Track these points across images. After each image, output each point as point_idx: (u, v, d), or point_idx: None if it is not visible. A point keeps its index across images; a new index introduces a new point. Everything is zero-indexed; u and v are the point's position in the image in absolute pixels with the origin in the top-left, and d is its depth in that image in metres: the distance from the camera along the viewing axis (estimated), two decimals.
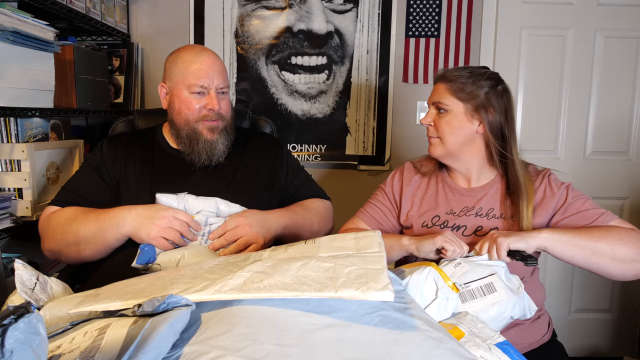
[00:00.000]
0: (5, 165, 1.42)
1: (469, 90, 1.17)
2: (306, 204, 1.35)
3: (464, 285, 0.98)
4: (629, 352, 2.38)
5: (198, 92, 1.23)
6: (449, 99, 1.19)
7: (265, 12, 2.17)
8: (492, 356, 0.80)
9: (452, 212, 1.23)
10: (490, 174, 1.25)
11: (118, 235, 1.11)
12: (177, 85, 1.25)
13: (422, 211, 1.27)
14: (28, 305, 0.50)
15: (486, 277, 1.00)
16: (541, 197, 1.19)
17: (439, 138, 1.22)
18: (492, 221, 1.20)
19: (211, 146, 1.25)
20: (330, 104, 2.23)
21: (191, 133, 1.25)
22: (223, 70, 1.28)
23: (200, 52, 1.26)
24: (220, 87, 1.26)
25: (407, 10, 2.17)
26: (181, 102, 1.25)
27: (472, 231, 1.20)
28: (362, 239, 0.86)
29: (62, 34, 1.91)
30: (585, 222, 1.13)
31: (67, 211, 1.18)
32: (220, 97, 1.27)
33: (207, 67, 1.24)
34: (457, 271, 1.01)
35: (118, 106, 2.11)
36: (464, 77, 1.18)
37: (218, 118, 1.26)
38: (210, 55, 1.27)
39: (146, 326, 0.58)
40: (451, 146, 1.21)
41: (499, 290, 0.98)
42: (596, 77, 2.24)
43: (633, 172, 2.29)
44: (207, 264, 0.86)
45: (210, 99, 1.24)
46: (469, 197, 1.24)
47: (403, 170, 1.35)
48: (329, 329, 0.64)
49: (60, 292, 0.88)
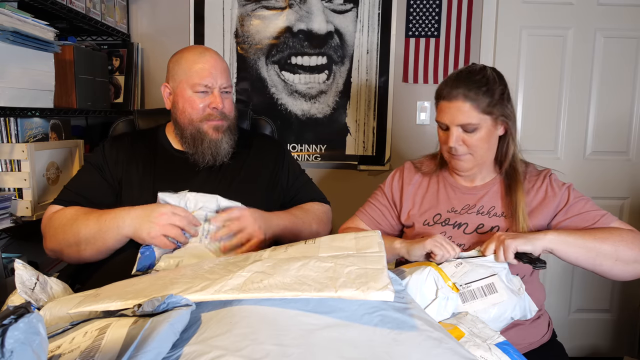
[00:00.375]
0: (5, 165, 1.42)
1: (491, 101, 1.13)
2: (306, 207, 1.36)
3: (464, 285, 0.98)
4: (629, 352, 2.38)
5: (202, 92, 1.24)
6: (477, 117, 1.13)
7: (265, 12, 2.17)
8: (492, 356, 0.80)
9: (454, 210, 1.24)
10: (492, 173, 1.26)
11: (118, 237, 1.11)
12: (181, 85, 1.25)
13: (423, 210, 1.27)
14: (28, 305, 0.50)
15: (487, 278, 1.00)
16: (542, 197, 1.19)
17: (470, 154, 1.18)
18: (494, 219, 1.20)
19: (216, 145, 1.26)
20: (330, 104, 2.23)
21: (195, 133, 1.25)
22: (226, 70, 1.28)
23: (204, 52, 1.27)
24: (224, 87, 1.26)
25: (407, 10, 2.17)
26: (185, 101, 1.25)
27: (473, 229, 1.20)
28: (362, 239, 0.86)
29: (62, 34, 1.91)
30: (587, 223, 1.14)
31: (69, 211, 1.18)
32: (224, 96, 1.27)
33: (211, 67, 1.24)
34: (458, 271, 1.01)
35: (118, 106, 2.11)
36: (483, 90, 1.12)
37: (222, 117, 1.27)
38: (214, 55, 1.27)
39: (146, 326, 0.58)
40: (483, 158, 1.19)
41: (500, 291, 0.98)
42: (596, 77, 2.24)
43: (633, 172, 2.29)
44: (207, 264, 0.86)
45: (214, 98, 1.24)
46: (471, 195, 1.25)
47: (403, 169, 1.35)
48: (329, 329, 0.64)
49: (60, 292, 0.88)
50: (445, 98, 1.16)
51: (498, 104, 1.14)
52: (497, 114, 1.15)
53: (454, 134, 1.15)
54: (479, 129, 1.14)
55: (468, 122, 1.13)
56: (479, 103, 1.12)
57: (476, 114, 1.13)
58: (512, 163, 1.21)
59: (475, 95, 1.12)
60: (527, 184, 1.21)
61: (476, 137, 1.15)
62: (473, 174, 1.24)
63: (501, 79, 1.18)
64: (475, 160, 1.19)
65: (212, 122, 1.25)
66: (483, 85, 1.13)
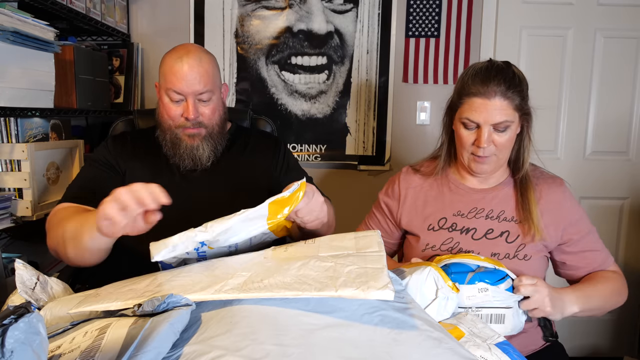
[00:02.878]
0: (5, 165, 1.42)
1: (522, 100, 1.11)
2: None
3: (476, 308, 0.97)
4: (629, 352, 2.38)
5: (177, 101, 1.20)
6: (512, 115, 1.09)
7: (265, 12, 2.17)
8: (492, 356, 0.80)
9: (460, 214, 1.18)
10: (503, 175, 1.21)
11: (91, 231, 0.92)
12: (161, 90, 1.23)
13: (427, 213, 1.22)
14: (28, 305, 0.50)
15: (502, 309, 0.98)
16: (555, 206, 1.16)
17: (496, 155, 1.13)
18: (503, 224, 1.15)
19: (192, 151, 1.23)
20: (330, 104, 2.23)
21: (174, 138, 1.23)
22: (205, 74, 1.19)
23: (182, 55, 1.19)
24: (200, 93, 1.19)
25: (407, 10, 2.17)
26: (163, 106, 1.23)
27: (482, 234, 1.15)
28: (361, 239, 0.86)
29: (62, 34, 1.90)
30: (591, 266, 1.18)
31: (69, 209, 1.14)
32: (201, 104, 1.21)
33: (185, 73, 1.17)
34: (479, 296, 0.96)
35: (118, 106, 2.11)
36: (518, 89, 1.09)
37: (197, 126, 1.22)
38: (191, 60, 1.19)
39: (146, 326, 0.58)
40: (505, 159, 1.16)
41: (506, 324, 0.98)
42: (596, 77, 2.24)
43: (633, 172, 2.29)
44: (207, 263, 0.86)
45: (187, 107, 1.19)
46: (479, 198, 1.19)
47: (400, 175, 1.30)
48: (329, 329, 0.64)
49: (61, 292, 0.88)
50: (478, 95, 1.08)
51: (524, 102, 1.12)
52: (522, 112, 1.12)
53: (485, 133, 1.09)
54: (510, 128, 1.10)
55: (504, 120, 1.08)
56: (513, 101, 1.08)
57: (512, 112, 1.09)
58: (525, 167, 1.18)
59: (512, 94, 1.08)
60: (539, 189, 1.17)
61: (506, 137, 1.10)
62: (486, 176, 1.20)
63: (525, 79, 1.15)
64: (498, 162, 1.14)
65: (187, 130, 1.22)
66: (518, 84, 1.09)
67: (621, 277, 1.19)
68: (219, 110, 1.27)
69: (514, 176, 1.20)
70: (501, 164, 1.17)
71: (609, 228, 2.32)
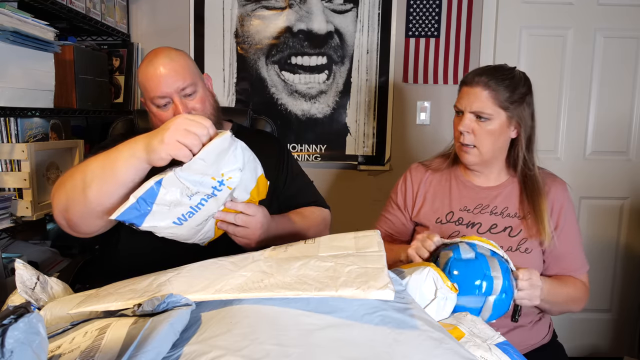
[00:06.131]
0: (5, 165, 1.42)
1: (511, 98, 1.15)
2: (305, 214, 1.31)
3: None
4: (629, 352, 2.38)
5: (164, 105, 1.17)
6: (493, 109, 1.14)
7: (265, 12, 2.17)
8: (492, 356, 0.80)
9: (467, 209, 1.24)
10: (506, 174, 1.26)
11: (131, 160, 0.94)
12: (147, 101, 1.20)
13: (435, 207, 1.27)
14: (28, 305, 0.50)
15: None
16: (559, 207, 1.21)
17: (476, 147, 1.18)
18: (507, 220, 1.21)
19: None
20: (330, 104, 2.23)
21: None
22: (180, 70, 1.16)
23: (151, 60, 1.17)
24: (182, 89, 1.16)
25: (407, 10, 2.17)
26: (154, 117, 1.20)
27: (486, 229, 1.21)
28: (361, 239, 0.86)
29: (62, 34, 1.90)
30: (566, 268, 1.21)
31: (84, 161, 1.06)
32: (188, 98, 1.18)
33: (161, 75, 1.14)
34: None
35: (118, 106, 2.11)
36: (505, 84, 1.14)
37: None
38: (162, 59, 1.16)
39: (146, 326, 0.58)
40: (489, 154, 1.19)
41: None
42: (596, 77, 2.24)
43: (633, 172, 2.29)
44: (208, 264, 0.86)
45: (176, 107, 1.16)
46: (484, 194, 1.25)
47: (410, 171, 1.35)
48: (330, 329, 0.63)
49: (61, 292, 0.88)
50: (466, 84, 1.18)
51: (516, 103, 1.15)
52: (513, 113, 1.15)
53: (466, 119, 1.17)
54: (492, 120, 1.15)
55: (482, 110, 1.14)
56: (497, 94, 1.14)
57: (491, 105, 1.14)
58: (530, 170, 1.21)
59: (495, 86, 1.14)
60: (547, 189, 1.22)
61: (486, 128, 1.15)
62: (484, 173, 1.25)
63: (527, 82, 1.19)
64: (481, 155, 1.19)
65: None
66: (506, 79, 1.15)
67: (587, 291, 1.24)
68: (209, 99, 1.24)
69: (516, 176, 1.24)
70: (486, 159, 1.20)
71: (609, 228, 2.32)
